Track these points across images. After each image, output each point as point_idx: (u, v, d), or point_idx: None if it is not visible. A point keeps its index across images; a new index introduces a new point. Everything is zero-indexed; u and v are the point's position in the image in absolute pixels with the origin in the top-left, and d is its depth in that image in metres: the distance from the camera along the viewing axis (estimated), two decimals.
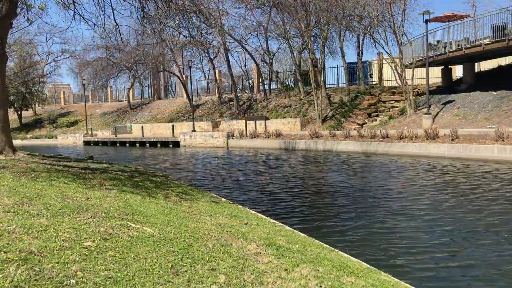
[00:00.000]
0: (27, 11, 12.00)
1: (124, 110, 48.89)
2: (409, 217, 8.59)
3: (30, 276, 2.83)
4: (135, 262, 3.45)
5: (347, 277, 4.12)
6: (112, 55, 41.77)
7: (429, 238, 7.29)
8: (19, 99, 50.11)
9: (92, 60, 48.33)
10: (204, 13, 17.47)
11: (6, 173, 6.83)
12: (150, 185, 8.57)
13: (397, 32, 26.01)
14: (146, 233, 4.38)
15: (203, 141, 30.48)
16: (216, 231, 5.07)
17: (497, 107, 21.26)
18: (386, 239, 7.24)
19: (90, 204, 5.34)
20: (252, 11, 35.26)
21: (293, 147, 25.01)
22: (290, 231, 6.52)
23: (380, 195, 10.93)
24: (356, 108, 30.12)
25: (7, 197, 4.89)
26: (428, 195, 10.71)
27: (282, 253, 4.55)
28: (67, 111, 54.60)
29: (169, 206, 6.41)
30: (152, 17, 13.29)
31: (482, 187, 11.40)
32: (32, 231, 3.72)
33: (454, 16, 24.76)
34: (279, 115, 33.55)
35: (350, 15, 30.97)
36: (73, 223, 4.20)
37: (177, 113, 42.30)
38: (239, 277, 3.58)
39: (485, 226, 7.84)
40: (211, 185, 13.25)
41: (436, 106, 24.43)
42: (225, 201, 8.86)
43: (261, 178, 14.71)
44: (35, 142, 45.09)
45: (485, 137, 17.85)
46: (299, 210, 9.61)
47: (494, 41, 21.27)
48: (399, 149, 19.61)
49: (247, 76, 44.60)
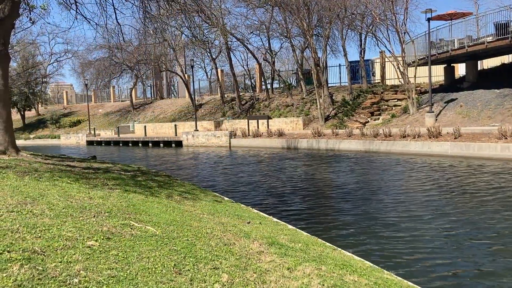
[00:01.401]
0: (29, 12, 12.01)
1: (126, 110, 48.97)
2: (413, 216, 8.58)
3: (34, 275, 2.84)
4: (138, 261, 3.46)
5: (350, 276, 4.12)
6: (115, 55, 41.89)
7: (433, 237, 7.27)
8: (22, 99, 50.27)
9: (94, 60, 48.44)
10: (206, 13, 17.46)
11: (10, 173, 6.85)
12: (153, 185, 8.58)
13: (400, 31, 25.95)
14: (149, 232, 4.38)
15: (206, 141, 30.49)
16: (218, 230, 5.07)
17: (500, 105, 21.19)
18: (389, 238, 7.23)
19: (93, 203, 5.35)
20: (254, 10, 35.25)
21: (296, 146, 25.00)
22: (293, 230, 6.52)
23: (383, 194, 10.92)
24: (359, 107, 30.08)
25: (11, 197, 4.90)
26: (432, 194, 10.68)
27: (285, 252, 4.55)
28: (70, 111, 54.73)
29: (171, 205, 6.42)
30: (154, 16, 13.30)
31: (486, 185, 11.37)
32: (35, 231, 3.73)
33: (456, 14, 24.67)
34: (282, 114, 33.53)
35: (352, 13, 30.92)
36: (76, 223, 4.22)
37: (180, 112, 42.34)
38: (241, 276, 3.58)
39: (489, 225, 7.82)
40: (214, 185, 13.26)
41: (438, 104, 24.37)
42: (228, 200, 8.87)
43: (264, 177, 14.70)
44: (38, 142, 45.21)
45: (488, 135, 17.79)
46: (302, 209, 9.60)
47: (497, 39, 21.19)
48: (402, 148, 19.57)
49: (249, 76, 44.58)
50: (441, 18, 25.24)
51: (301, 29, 30.76)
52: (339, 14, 29.62)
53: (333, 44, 36.94)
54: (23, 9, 11.63)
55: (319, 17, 30.82)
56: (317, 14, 30.47)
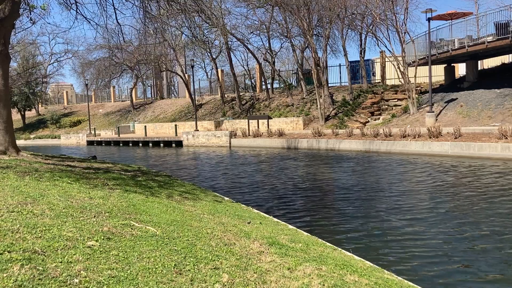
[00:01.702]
0: (29, 12, 12.01)
1: (127, 110, 48.98)
2: (413, 216, 8.57)
3: (34, 275, 2.84)
4: (138, 261, 3.46)
5: (350, 276, 4.12)
6: (115, 55, 41.88)
7: (434, 237, 7.27)
8: (22, 100, 50.29)
9: (94, 60, 48.46)
10: (206, 13, 17.46)
11: (10, 173, 6.85)
12: (153, 185, 8.59)
13: (400, 31, 25.94)
14: (149, 232, 4.38)
15: (206, 141, 30.50)
16: (219, 230, 5.07)
17: (500, 105, 21.18)
18: (389, 238, 7.23)
19: (94, 203, 5.35)
20: (254, 10, 35.25)
21: (296, 146, 25.00)
22: (293, 230, 6.52)
23: (383, 194, 10.91)
24: (359, 107, 30.07)
25: (11, 197, 4.90)
26: (433, 195, 10.68)
27: (285, 252, 4.55)
28: (70, 111, 54.75)
29: (172, 205, 6.42)
30: (154, 16, 13.30)
31: (485, 185, 11.37)
32: (36, 231, 3.73)
33: (456, 14, 24.67)
34: (282, 114, 33.52)
35: (353, 13, 30.91)
36: (77, 223, 4.22)
37: (180, 112, 42.35)
38: (242, 276, 3.58)
39: (490, 226, 7.82)
40: (214, 184, 13.26)
41: (439, 104, 24.37)
42: (228, 200, 8.87)
43: (264, 177, 14.70)
44: (39, 142, 45.22)
45: (489, 135, 17.79)
46: (302, 209, 9.60)
47: (497, 39, 21.18)
48: (402, 148, 19.57)
49: (250, 75, 44.59)
50: (441, 18, 25.24)
51: (301, 29, 30.76)
52: (339, 14, 29.61)
53: (333, 44, 36.98)
54: (23, 9, 11.64)
55: (319, 17, 30.80)
56: (317, 14, 30.46)
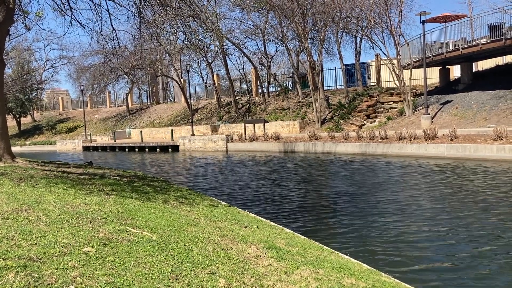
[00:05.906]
0: (24, 18, 11.97)
1: (123, 115, 48.91)
2: (411, 219, 8.58)
3: (29, 282, 2.82)
4: (135, 267, 3.44)
5: (347, 279, 4.11)
6: (110, 61, 41.82)
7: (432, 240, 7.28)
8: (17, 106, 50.16)
9: (90, 66, 48.36)
10: (201, 17, 17.49)
11: (5, 180, 6.82)
12: (149, 190, 8.56)
13: (394, 33, 26.08)
14: (146, 237, 4.37)
15: (202, 145, 30.47)
16: (215, 235, 5.06)
17: (495, 107, 21.29)
18: (386, 241, 7.23)
19: (89, 209, 5.33)
20: (249, 15, 35.36)
21: (292, 149, 25.02)
22: (290, 234, 6.51)
23: (380, 197, 10.93)
24: (355, 110, 30.16)
25: (6, 204, 4.87)
26: (429, 197, 10.70)
27: (282, 256, 4.55)
28: (66, 117, 54.62)
29: (168, 210, 6.40)
30: (149, 22, 13.30)
31: (482, 187, 11.40)
32: (31, 238, 3.71)
33: (450, 17, 24.84)
34: (278, 117, 33.56)
35: (347, 17, 31.04)
36: (72, 229, 4.19)
37: (176, 117, 42.32)
38: (239, 281, 3.57)
39: (489, 228, 7.84)
40: (211, 189, 13.24)
41: (434, 106, 24.47)
42: (225, 204, 8.85)
43: (261, 181, 14.70)
44: (34, 148, 45.06)
45: (484, 136, 17.86)
46: (299, 213, 9.59)
47: (491, 41, 21.32)
48: (398, 150, 19.62)
49: (245, 80, 44.65)
50: (436, 20, 25.41)
51: (296, 33, 30.87)
52: (334, 17, 29.73)
53: (329, 48, 37.07)
54: (17, 15, 11.60)
55: (314, 20, 30.92)
56: (312, 18, 30.58)
